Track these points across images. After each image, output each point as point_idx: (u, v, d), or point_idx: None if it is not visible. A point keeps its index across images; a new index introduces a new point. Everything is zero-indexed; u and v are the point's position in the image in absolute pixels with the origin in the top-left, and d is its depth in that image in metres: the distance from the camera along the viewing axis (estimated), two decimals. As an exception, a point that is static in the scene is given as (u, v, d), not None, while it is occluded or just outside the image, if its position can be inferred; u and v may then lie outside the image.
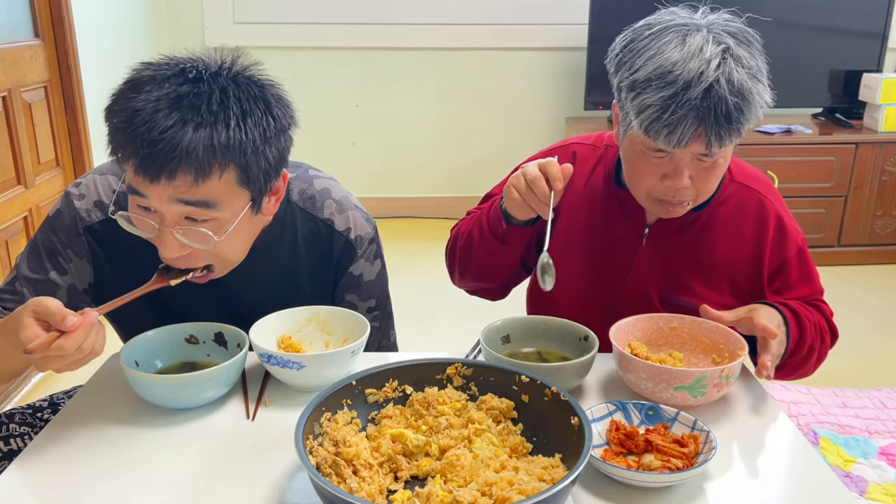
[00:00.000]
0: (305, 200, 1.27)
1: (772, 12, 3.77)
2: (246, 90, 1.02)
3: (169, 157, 0.97)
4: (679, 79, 1.09)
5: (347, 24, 4.07)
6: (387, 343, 1.42)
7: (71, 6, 2.82)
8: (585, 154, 1.39)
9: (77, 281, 1.24)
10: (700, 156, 1.16)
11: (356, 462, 0.92)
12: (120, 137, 0.99)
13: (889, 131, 3.64)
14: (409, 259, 3.71)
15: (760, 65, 1.14)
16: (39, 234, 1.23)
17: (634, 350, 1.18)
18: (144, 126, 0.96)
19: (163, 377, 1.10)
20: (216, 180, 1.02)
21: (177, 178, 0.99)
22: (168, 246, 1.06)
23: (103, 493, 0.94)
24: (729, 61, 1.10)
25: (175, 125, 0.96)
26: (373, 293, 1.35)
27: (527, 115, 4.29)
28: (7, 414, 1.27)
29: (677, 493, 0.95)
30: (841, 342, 1.40)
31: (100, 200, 1.21)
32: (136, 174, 1.00)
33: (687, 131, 1.10)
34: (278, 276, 1.27)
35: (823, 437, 2.22)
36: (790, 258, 1.33)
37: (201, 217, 1.05)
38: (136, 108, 0.97)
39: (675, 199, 1.21)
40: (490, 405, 1.03)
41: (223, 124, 0.99)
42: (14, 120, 2.53)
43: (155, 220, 1.05)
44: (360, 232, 1.29)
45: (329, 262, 1.30)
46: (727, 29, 1.14)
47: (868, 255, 3.76)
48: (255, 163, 1.04)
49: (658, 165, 1.19)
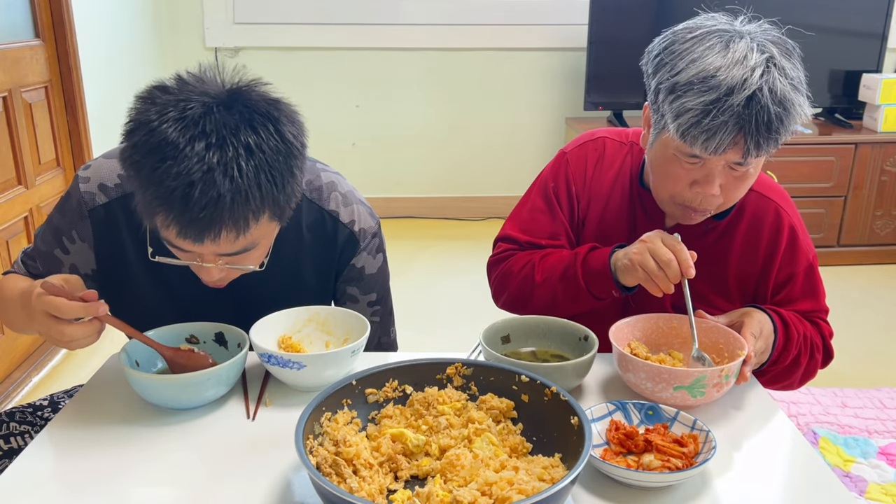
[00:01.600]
0: (312, 191, 1.29)
1: (772, 12, 3.78)
2: (263, 129, 1.01)
3: (211, 225, 0.99)
4: (722, 84, 1.08)
5: (347, 24, 4.07)
6: (387, 339, 1.42)
7: (71, 6, 2.82)
8: (614, 149, 1.38)
9: (79, 263, 1.26)
10: (733, 164, 1.15)
11: (356, 462, 0.92)
12: (155, 209, 0.99)
13: (888, 131, 3.64)
14: (409, 259, 3.72)
15: (801, 76, 1.13)
16: (54, 212, 1.27)
17: (634, 350, 1.18)
18: (182, 201, 0.96)
19: (163, 377, 1.10)
20: (255, 229, 1.05)
21: (220, 238, 1.02)
22: (209, 274, 1.11)
23: (103, 493, 0.94)
24: (773, 70, 1.09)
25: (212, 199, 0.97)
26: (374, 287, 1.35)
27: (527, 116, 4.29)
28: (7, 413, 1.27)
29: (677, 492, 0.95)
30: (841, 342, 1.40)
31: (103, 183, 1.23)
32: (177, 238, 1.02)
33: (725, 138, 1.09)
34: (281, 262, 1.28)
35: (823, 437, 2.22)
36: (798, 272, 1.32)
37: (241, 258, 1.10)
38: (169, 186, 0.96)
39: (701, 206, 1.21)
40: (490, 405, 1.03)
41: (255, 186, 1.00)
42: (14, 120, 2.53)
43: (196, 260, 1.10)
44: (363, 225, 1.31)
45: (332, 253, 1.31)
46: (769, 38, 1.14)
47: (868, 255, 3.76)
48: (284, 200, 1.06)
49: (690, 171, 1.18)
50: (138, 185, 1.00)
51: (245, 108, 1.01)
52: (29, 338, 2.62)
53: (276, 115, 1.03)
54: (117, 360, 1.14)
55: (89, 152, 2.96)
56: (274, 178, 1.02)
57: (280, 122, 1.03)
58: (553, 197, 1.40)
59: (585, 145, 1.40)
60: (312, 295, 1.31)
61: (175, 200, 0.96)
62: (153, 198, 0.98)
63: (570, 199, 1.39)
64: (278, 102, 1.06)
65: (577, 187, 1.39)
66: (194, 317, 1.24)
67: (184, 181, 0.96)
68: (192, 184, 0.96)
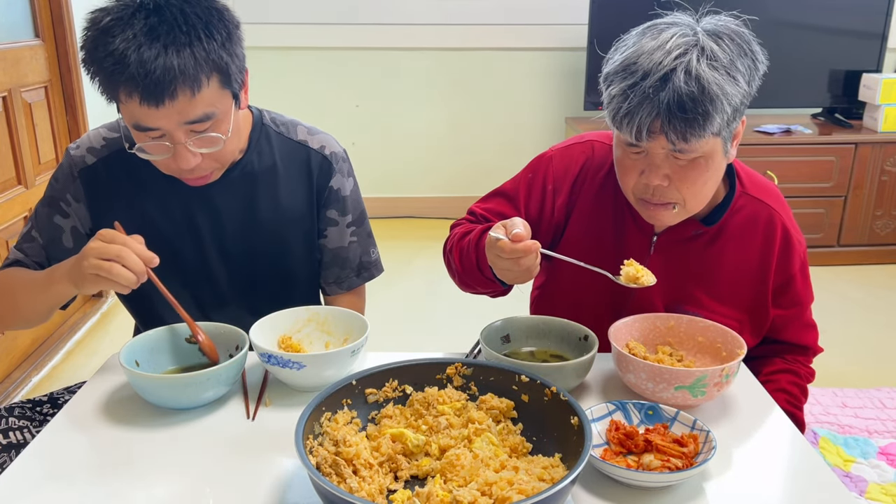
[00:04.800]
0: (279, 126, 1.39)
1: (772, 12, 3.78)
2: (197, 5, 1.14)
3: (166, 81, 1.09)
4: (640, 69, 1.09)
5: (347, 24, 4.07)
6: (367, 259, 1.48)
7: (71, 6, 2.82)
8: (604, 153, 1.36)
9: (78, 224, 1.34)
10: (673, 152, 1.14)
11: (356, 462, 0.92)
12: (116, 78, 1.10)
13: (889, 131, 3.64)
14: (409, 259, 3.71)
15: (736, 61, 1.11)
16: (47, 188, 1.35)
17: (633, 350, 1.18)
18: (136, 62, 1.08)
19: (163, 377, 1.10)
20: (207, 89, 1.13)
21: (178, 98, 1.11)
22: (184, 158, 1.17)
23: (103, 492, 0.94)
24: (692, 53, 1.08)
25: (160, 53, 1.08)
26: (350, 208, 1.43)
27: (527, 115, 4.29)
28: (7, 408, 1.27)
29: (677, 492, 0.95)
30: (841, 342, 1.40)
31: (92, 146, 1.33)
32: (141, 105, 1.11)
33: (645, 121, 1.10)
34: (260, 195, 1.35)
35: (823, 437, 2.22)
36: (795, 273, 1.32)
37: (203, 128, 1.17)
38: (121, 49, 1.08)
39: (654, 198, 1.20)
40: (490, 405, 1.03)
41: (197, 40, 1.11)
42: (14, 120, 2.53)
43: (166, 142, 1.16)
44: (334, 149, 1.41)
45: (309, 179, 1.39)
46: (711, 26, 1.13)
47: (868, 254, 3.76)
48: (230, 62, 1.16)
49: (636, 162, 1.19)
50: (97, 66, 1.11)
51: None
52: (29, 338, 2.63)
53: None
54: (117, 360, 1.14)
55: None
56: (212, 33, 1.13)
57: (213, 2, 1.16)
58: (523, 187, 1.39)
59: (572, 147, 1.39)
60: (303, 229, 1.39)
61: (130, 62, 1.08)
62: (111, 67, 1.09)
63: (542, 194, 1.37)
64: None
65: (554, 185, 1.37)
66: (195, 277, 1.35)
67: (133, 44, 1.08)
68: (141, 45, 1.08)
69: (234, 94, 1.20)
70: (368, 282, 1.50)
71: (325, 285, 1.47)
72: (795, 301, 1.34)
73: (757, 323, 1.34)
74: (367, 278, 1.49)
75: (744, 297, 1.33)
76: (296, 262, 1.41)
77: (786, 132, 3.64)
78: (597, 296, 1.35)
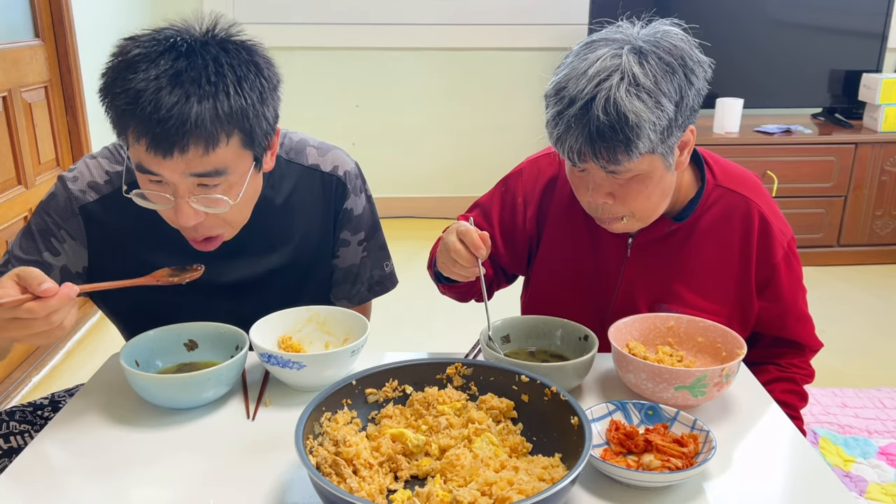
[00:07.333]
0: (289, 152, 1.32)
1: (772, 12, 3.78)
2: (236, 56, 1.06)
3: (179, 133, 1.00)
4: (566, 96, 1.10)
5: (347, 24, 4.07)
6: (381, 273, 1.44)
7: (71, 6, 2.82)
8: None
9: (70, 263, 1.24)
10: (610, 172, 1.14)
11: (356, 462, 0.92)
12: (127, 119, 1.01)
13: (889, 131, 3.64)
14: (409, 259, 3.71)
15: (661, 83, 1.08)
16: (33, 218, 1.24)
17: (633, 350, 1.18)
18: (151, 105, 0.99)
19: (163, 377, 1.10)
20: (224, 147, 1.05)
21: (188, 152, 1.02)
22: (184, 214, 1.08)
23: (103, 492, 0.94)
24: (613, 78, 1.07)
25: (180, 101, 0.99)
26: (361, 226, 1.38)
27: (527, 116, 4.29)
28: (7, 412, 1.27)
29: (677, 492, 0.95)
30: (841, 342, 1.40)
31: (94, 181, 1.23)
32: (147, 152, 1.02)
33: (574, 146, 1.11)
34: (275, 232, 1.30)
35: (823, 437, 2.22)
36: (778, 263, 1.30)
37: (213, 183, 1.08)
38: (139, 89, 1.00)
39: (601, 214, 1.21)
40: (490, 405, 1.03)
41: (223, 93, 1.02)
42: (14, 120, 2.53)
43: (168, 192, 1.08)
44: (347, 168, 1.35)
45: (325, 204, 1.33)
46: (643, 42, 1.11)
47: (868, 254, 3.76)
48: (256, 124, 1.07)
49: (582, 179, 1.20)
50: (111, 101, 1.02)
51: (223, 40, 1.07)
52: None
53: (252, 49, 1.09)
54: (117, 360, 1.14)
55: (89, 152, 2.96)
56: (242, 91, 1.04)
57: (254, 54, 1.09)
58: (497, 201, 1.42)
59: (540, 159, 1.41)
60: (320, 254, 1.35)
61: (145, 104, 0.99)
62: (124, 106, 1.00)
63: (513, 207, 1.40)
64: (255, 45, 1.11)
65: (524, 198, 1.39)
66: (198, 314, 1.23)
67: (153, 85, 0.99)
68: (161, 88, 0.99)
69: (256, 157, 1.12)
70: (381, 296, 1.45)
71: (335, 300, 1.44)
72: (782, 293, 1.32)
73: (744, 317, 1.33)
74: (379, 292, 1.44)
75: (727, 291, 1.31)
76: (309, 283, 1.37)
77: (786, 132, 3.64)
78: (580, 298, 1.36)
